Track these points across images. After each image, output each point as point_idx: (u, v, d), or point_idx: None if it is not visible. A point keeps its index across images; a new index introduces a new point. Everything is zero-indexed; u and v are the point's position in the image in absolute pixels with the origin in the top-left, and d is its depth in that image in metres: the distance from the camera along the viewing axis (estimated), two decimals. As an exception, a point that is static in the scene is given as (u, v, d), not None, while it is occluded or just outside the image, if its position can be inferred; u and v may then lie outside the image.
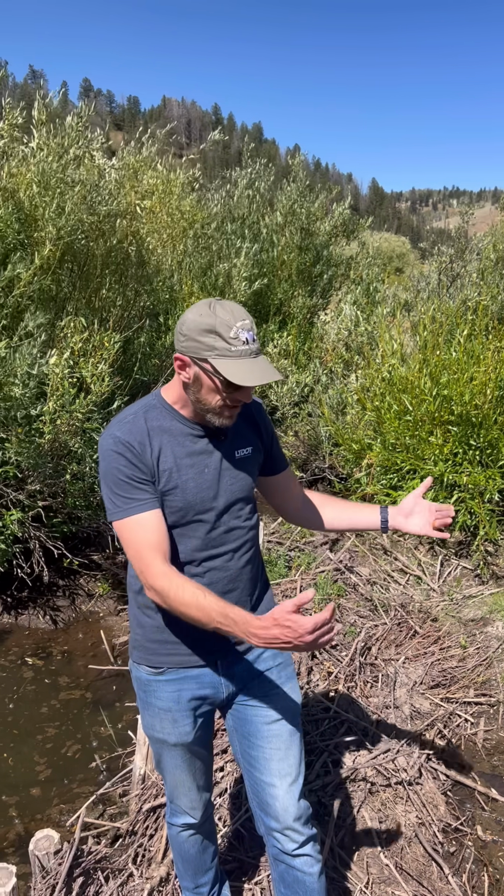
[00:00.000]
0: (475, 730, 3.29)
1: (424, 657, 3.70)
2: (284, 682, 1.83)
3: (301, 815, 1.73)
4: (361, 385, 6.07)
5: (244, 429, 1.79)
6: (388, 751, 2.93)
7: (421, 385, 5.27)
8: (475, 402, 4.88)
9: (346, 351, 7.01)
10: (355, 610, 4.19)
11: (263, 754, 1.77)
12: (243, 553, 1.76)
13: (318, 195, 8.35)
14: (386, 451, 5.35)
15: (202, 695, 1.77)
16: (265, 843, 1.81)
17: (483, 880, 2.50)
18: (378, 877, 2.39)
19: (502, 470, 4.77)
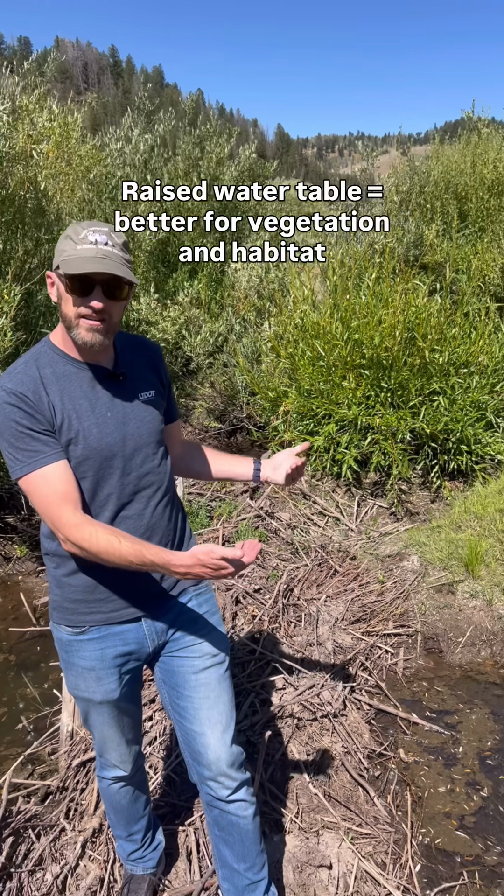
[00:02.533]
0: (395, 660, 3.43)
1: (345, 594, 3.80)
2: (210, 631, 1.82)
3: (234, 761, 1.74)
4: (275, 333, 6.05)
5: (145, 372, 1.74)
6: (312, 686, 3.01)
7: (332, 330, 5.29)
8: (385, 345, 4.94)
9: (258, 299, 6.95)
10: (277, 554, 4.24)
11: (192, 704, 1.76)
12: (159, 499, 1.72)
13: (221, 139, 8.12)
14: (301, 397, 5.38)
15: (126, 651, 1.75)
16: (199, 790, 1.82)
17: (406, 799, 2.62)
18: (307, 806, 2.47)
19: (413, 410, 4.88)
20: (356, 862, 2.25)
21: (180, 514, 1.84)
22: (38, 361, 1.59)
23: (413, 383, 4.91)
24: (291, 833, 2.33)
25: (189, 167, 8.07)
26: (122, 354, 1.70)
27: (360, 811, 2.52)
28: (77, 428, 1.57)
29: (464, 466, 4.84)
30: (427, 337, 4.92)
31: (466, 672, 3.38)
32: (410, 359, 4.94)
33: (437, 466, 4.92)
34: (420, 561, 4.01)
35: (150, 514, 1.70)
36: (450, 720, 3.07)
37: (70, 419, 1.57)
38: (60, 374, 1.59)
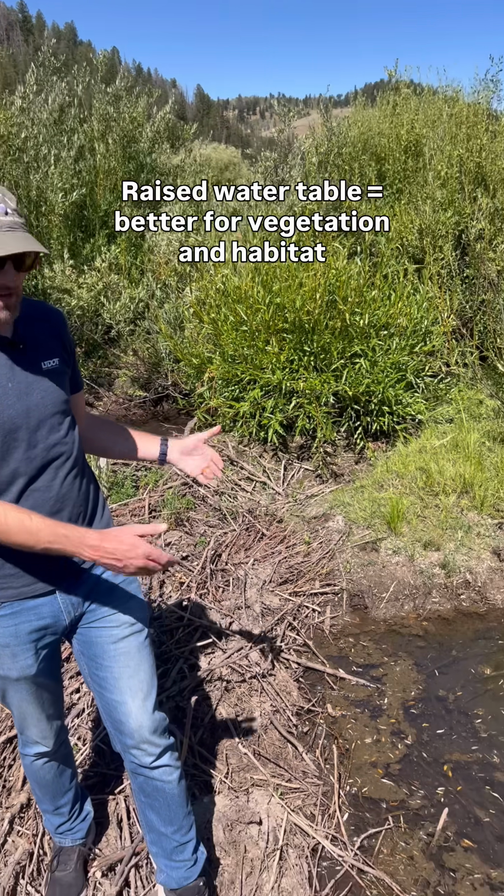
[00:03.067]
0: (322, 618, 3.49)
1: (272, 557, 3.83)
2: (128, 600, 1.79)
3: (156, 727, 1.73)
4: (197, 298, 5.97)
5: (48, 340, 1.67)
6: (241, 649, 3.04)
7: (254, 294, 5.25)
8: (306, 309, 4.95)
9: (179, 263, 6.82)
10: (205, 521, 4.24)
11: (112, 674, 1.74)
12: (67, 470, 1.67)
13: (138, 98, 7.87)
14: (226, 363, 5.34)
15: (42, 625, 1.70)
16: (123, 759, 1.81)
17: (334, 752, 2.69)
18: (237, 765, 2.50)
19: (335, 373, 4.92)
20: (286, 816, 2.30)
21: (92, 484, 1.79)
22: None
23: (335, 346, 4.94)
24: (221, 793, 2.35)
25: (105, 128, 7.79)
26: (21, 322, 1.61)
27: (290, 767, 2.57)
28: None
29: (386, 427, 4.92)
30: (347, 300, 4.95)
31: (391, 626, 3.48)
32: (332, 322, 4.97)
33: (360, 428, 4.99)
34: (345, 521, 4.08)
35: (58, 485, 1.64)
36: (375, 673, 3.15)
37: None
38: None
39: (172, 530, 4.09)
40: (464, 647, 3.30)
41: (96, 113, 7.85)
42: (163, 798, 1.75)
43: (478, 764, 2.65)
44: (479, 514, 4.03)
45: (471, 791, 2.53)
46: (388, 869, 2.24)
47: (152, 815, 1.79)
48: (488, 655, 3.24)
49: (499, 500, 4.09)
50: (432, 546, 3.79)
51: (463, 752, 2.70)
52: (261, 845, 2.19)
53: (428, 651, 3.29)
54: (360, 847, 2.30)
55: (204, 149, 19.93)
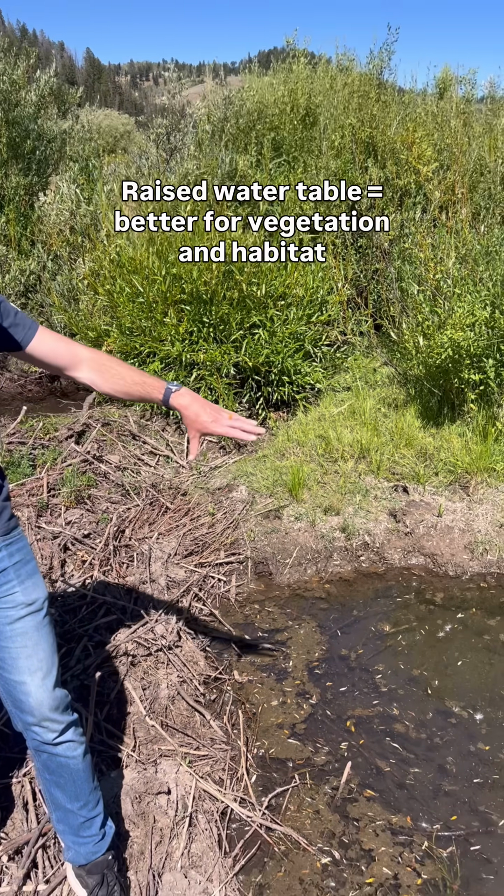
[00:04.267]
0: (228, 587, 3.52)
1: (177, 530, 3.82)
2: (24, 580, 1.73)
3: (57, 704, 1.70)
4: (91, 269, 5.80)
5: None
6: (146, 623, 3.03)
7: (150, 265, 5.16)
8: (204, 280, 4.90)
9: (71, 234, 6.60)
10: (107, 497, 4.17)
11: (10, 654, 1.69)
12: None
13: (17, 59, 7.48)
14: (123, 336, 5.24)
15: None
16: (25, 737, 1.77)
17: (240, 717, 2.74)
18: (145, 738, 2.50)
19: (235, 344, 4.92)
20: (194, 783, 2.32)
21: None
22: None
23: (233, 317, 4.93)
24: (129, 767, 2.35)
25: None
26: None
27: (198, 735, 2.60)
28: None
29: (286, 397, 4.98)
30: (244, 270, 4.93)
31: (295, 591, 3.55)
32: (229, 293, 4.95)
33: (261, 399, 5.02)
34: (248, 490, 4.11)
35: None
36: (280, 637, 3.22)
37: None
38: None
39: (73, 508, 4.00)
40: (364, 607, 3.42)
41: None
42: (68, 774, 1.73)
43: (379, 717, 2.76)
44: (376, 477, 4.15)
45: (372, 744, 2.63)
46: (295, 825, 2.31)
47: (57, 792, 1.77)
48: (387, 613, 3.37)
49: (394, 464, 4.23)
50: (332, 511, 3.88)
51: (365, 708, 2.80)
52: (170, 814, 2.20)
53: (330, 612, 3.38)
54: (267, 806, 2.35)
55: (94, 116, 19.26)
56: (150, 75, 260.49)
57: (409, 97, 7.37)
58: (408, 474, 4.15)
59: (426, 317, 4.50)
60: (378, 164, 6.20)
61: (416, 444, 4.31)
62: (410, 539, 3.77)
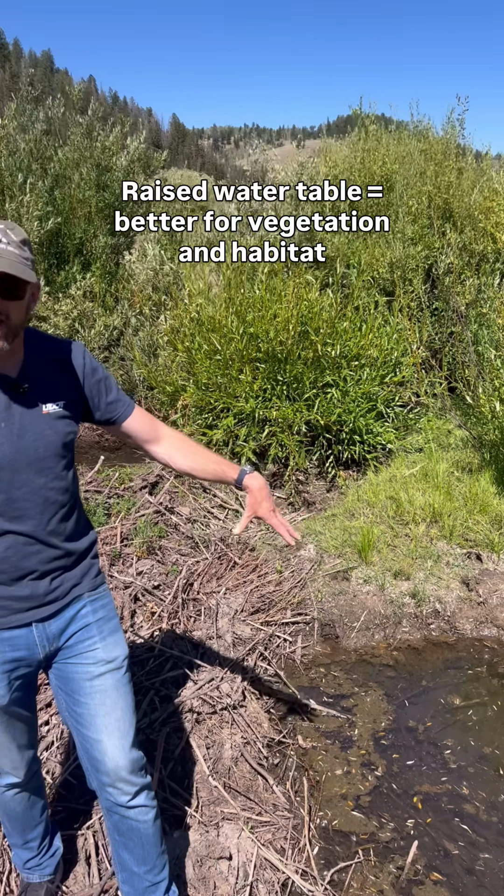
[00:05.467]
0: (293, 648, 3.50)
1: (244, 586, 3.84)
2: (106, 637, 1.79)
3: (133, 766, 1.72)
4: (171, 326, 6.01)
5: (57, 380, 1.66)
6: (212, 680, 3.03)
7: (228, 324, 5.32)
8: (280, 339, 5.02)
9: (153, 292, 6.88)
10: (177, 549, 4.23)
11: (88, 710, 1.73)
12: (52, 514, 1.67)
13: (112, 128, 7.96)
14: (199, 391, 5.38)
15: (16, 657, 1.69)
16: (98, 795, 1.79)
17: (304, 784, 2.69)
18: (207, 799, 2.49)
19: (308, 402, 4.98)
20: (255, 850, 2.29)
21: (78, 528, 1.78)
22: None
23: (307, 376, 5.01)
24: (191, 828, 2.34)
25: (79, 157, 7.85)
26: (30, 362, 1.62)
27: (260, 800, 2.56)
28: None
29: (356, 456, 4.98)
30: (319, 331, 5.03)
31: (361, 656, 3.50)
32: (304, 352, 5.04)
33: (331, 456, 5.05)
34: (316, 549, 4.11)
35: (41, 530, 1.65)
36: (346, 704, 3.16)
37: None
38: None
39: (144, 559, 4.07)
40: (433, 677, 3.33)
41: (70, 142, 7.92)
42: (137, 838, 1.74)
43: (447, 795, 2.66)
44: (449, 543, 4.08)
45: (440, 823, 2.54)
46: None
47: (126, 855, 1.78)
48: (457, 685, 3.27)
49: (467, 530, 4.16)
50: (402, 575, 3.83)
51: (433, 784, 2.71)
52: (230, 881, 2.17)
53: (398, 681, 3.31)
54: (329, 881, 2.29)
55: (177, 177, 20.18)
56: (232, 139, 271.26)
57: (486, 163, 7.46)
58: (482, 541, 4.07)
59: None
60: (456, 229, 6.26)
61: (490, 510, 4.23)
62: (483, 609, 3.68)
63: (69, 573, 1.75)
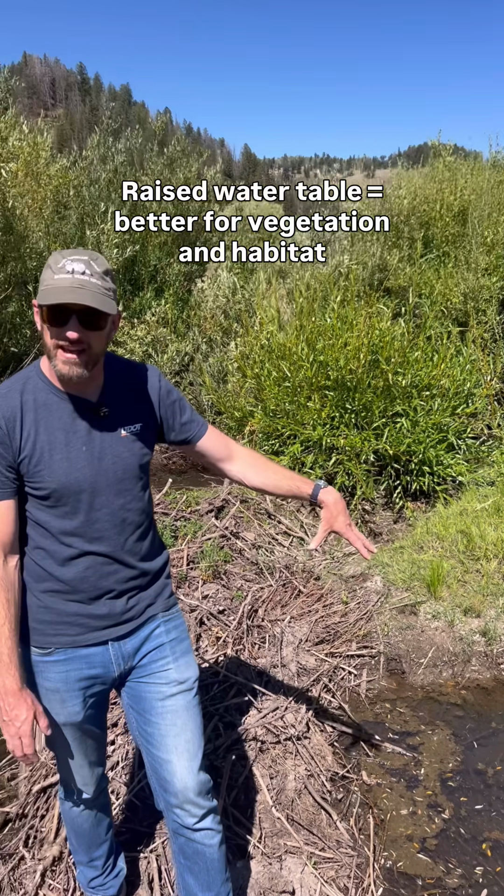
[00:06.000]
0: (358, 681, 3.44)
1: (309, 615, 3.81)
2: (179, 657, 1.81)
3: (201, 789, 1.72)
4: (241, 353, 6.09)
5: (135, 404, 1.72)
6: (276, 709, 3.01)
7: (298, 351, 5.35)
8: (350, 367, 5.02)
9: (224, 319, 6.99)
10: (242, 574, 4.24)
11: (159, 730, 1.75)
12: (128, 535, 1.71)
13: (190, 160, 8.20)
14: (267, 417, 5.42)
15: (92, 674, 1.74)
16: (165, 817, 1.80)
17: (369, 822, 2.63)
18: (270, 830, 2.46)
19: (376, 431, 4.95)
20: (318, 887, 2.24)
21: (153, 549, 1.82)
22: (24, 387, 1.60)
23: (377, 405, 4.99)
24: (254, 859, 2.31)
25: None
26: (109, 386, 1.68)
27: (323, 835, 2.52)
28: (47, 461, 1.57)
29: (426, 487, 4.91)
30: (391, 360, 5.01)
31: (428, 693, 3.41)
32: (374, 381, 5.02)
33: (399, 487, 4.98)
34: (383, 581, 4.05)
35: (118, 550, 1.69)
36: (412, 742, 3.09)
37: (42, 451, 1.57)
38: (42, 403, 1.59)
39: (209, 583, 4.10)
40: (503, 719, 3.22)
41: (150, 173, 8.19)
42: (203, 862, 1.74)
43: (518, 844, 2.56)
44: (521, 581, 3.96)
45: (511, 873, 2.44)
46: None
47: (190, 879, 1.77)
48: (529, 729, 3.16)
49: (541, 568, 4.03)
50: (473, 612, 3.74)
51: (503, 831, 2.61)
52: (293, 917, 2.13)
53: (466, 721, 3.22)
54: (394, 926, 2.23)
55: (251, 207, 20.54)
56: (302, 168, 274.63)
57: None
58: None
59: None
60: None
61: None
62: None
63: (144, 593, 1.79)
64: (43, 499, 1.60)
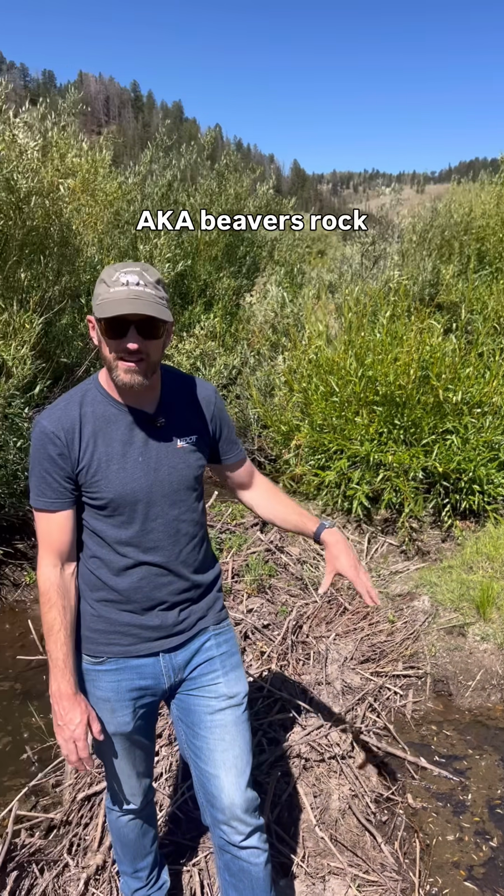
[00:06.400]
0: (404, 702, 3.39)
1: (354, 633, 3.77)
2: (229, 672, 1.81)
3: (248, 806, 1.71)
4: (289, 367, 6.10)
5: (190, 416, 1.74)
6: (321, 726, 2.98)
7: (346, 366, 5.33)
8: (399, 383, 4.97)
9: (272, 333, 7.02)
10: (286, 589, 4.23)
11: (207, 745, 1.75)
12: (183, 545, 1.73)
13: (242, 175, 8.27)
14: (314, 431, 5.40)
15: (143, 685, 1.75)
16: (210, 832, 1.79)
17: (414, 846, 2.58)
18: (314, 850, 2.43)
19: (426, 448, 4.89)
20: (363, 911, 2.20)
21: (206, 561, 1.83)
22: (82, 399, 1.63)
23: (426, 421, 4.93)
24: (298, 878, 2.29)
25: (209, 202, 8.21)
26: (166, 397, 1.70)
27: (367, 857, 2.48)
28: (104, 471, 1.60)
29: (476, 506, 4.82)
30: (441, 376, 4.95)
31: (476, 717, 3.34)
32: (424, 397, 4.97)
33: (448, 505, 4.91)
34: (431, 601, 3.99)
35: (172, 561, 1.71)
36: (459, 766, 3.02)
37: (99, 462, 1.59)
38: (100, 415, 1.62)
39: (254, 596, 4.09)
40: None
41: (201, 189, 8.29)
42: (248, 880, 1.72)
43: None
44: None
45: None
46: None
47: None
48: None
49: None
50: (523, 635, 3.65)
51: (554, 863, 2.53)
52: (336, 940, 2.10)
53: (516, 747, 3.13)
54: None
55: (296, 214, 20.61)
56: (351, 183, 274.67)
57: None
58: None
59: None
60: None
61: None
62: None
63: (196, 605, 1.79)
64: (100, 508, 1.62)
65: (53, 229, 5.43)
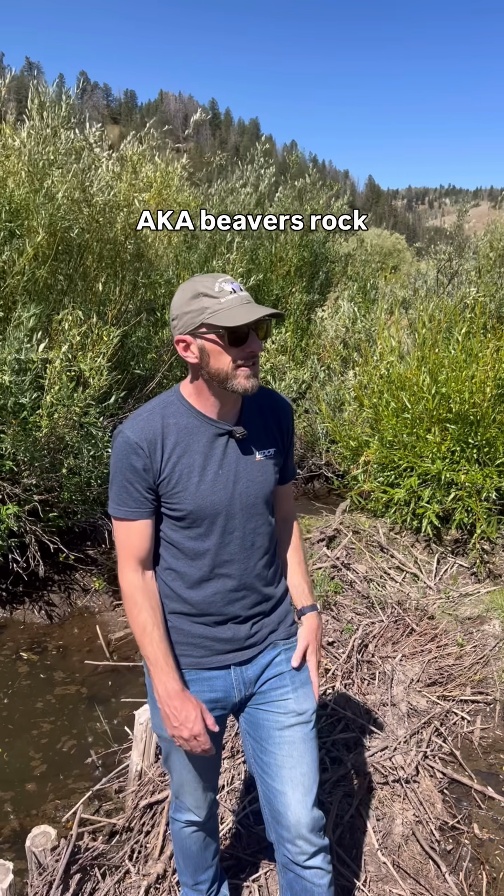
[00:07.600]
0: (472, 728, 3.29)
1: (421, 655, 3.69)
2: (298, 688, 1.79)
3: (314, 825, 1.68)
4: (359, 382, 6.06)
5: (270, 428, 1.75)
6: (385, 748, 2.93)
7: (419, 383, 5.26)
8: (474, 401, 4.87)
9: (343, 348, 6.99)
10: (352, 607, 4.18)
11: (275, 760, 1.73)
12: (258, 558, 1.73)
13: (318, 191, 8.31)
14: (383, 448, 5.34)
15: (213, 698, 1.74)
16: (275, 850, 1.77)
17: (480, 878, 2.49)
18: (376, 875, 2.38)
19: (500, 468, 4.77)
20: (425, 942, 2.14)
21: (278, 573, 1.83)
22: (164, 410, 1.64)
23: (501, 440, 4.80)
24: (358, 903, 2.24)
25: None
26: (247, 410, 1.71)
27: (431, 886, 2.41)
28: (185, 483, 1.61)
29: (551, 530, 4.66)
30: (518, 395, 4.82)
31: (548, 748, 3.21)
32: (500, 416, 4.85)
33: (522, 528, 4.76)
34: (502, 626, 3.87)
35: (247, 574, 1.71)
36: (529, 799, 2.90)
37: (181, 474, 1.61)
38: (183, 427, 1.63)
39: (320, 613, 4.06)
40: None
41: (277, 205, 8.37)
42: (310, 902, 1.70)
43: None
44: None
45: None
46: None
47: (297, 917, 1.74)
48: None
49: None
50: None
51: None
52: None
53: None
54: None
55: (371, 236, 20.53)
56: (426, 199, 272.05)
57: None
58: None
59: None
60: None
61: None
62: None
63: (267, 619, 1.79)
64: (178, 520, 1.64)
65: (129, 243, 5.57)
